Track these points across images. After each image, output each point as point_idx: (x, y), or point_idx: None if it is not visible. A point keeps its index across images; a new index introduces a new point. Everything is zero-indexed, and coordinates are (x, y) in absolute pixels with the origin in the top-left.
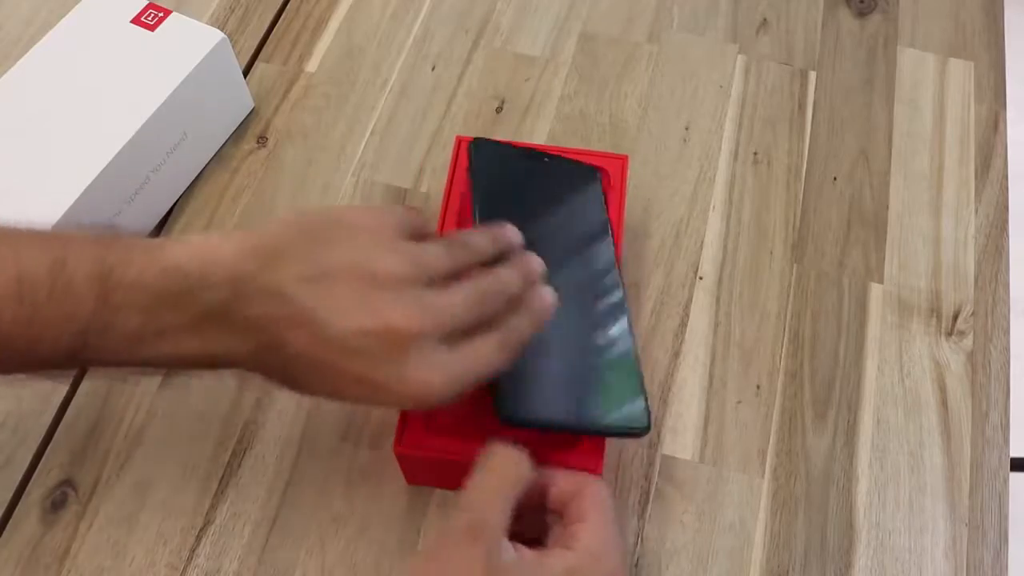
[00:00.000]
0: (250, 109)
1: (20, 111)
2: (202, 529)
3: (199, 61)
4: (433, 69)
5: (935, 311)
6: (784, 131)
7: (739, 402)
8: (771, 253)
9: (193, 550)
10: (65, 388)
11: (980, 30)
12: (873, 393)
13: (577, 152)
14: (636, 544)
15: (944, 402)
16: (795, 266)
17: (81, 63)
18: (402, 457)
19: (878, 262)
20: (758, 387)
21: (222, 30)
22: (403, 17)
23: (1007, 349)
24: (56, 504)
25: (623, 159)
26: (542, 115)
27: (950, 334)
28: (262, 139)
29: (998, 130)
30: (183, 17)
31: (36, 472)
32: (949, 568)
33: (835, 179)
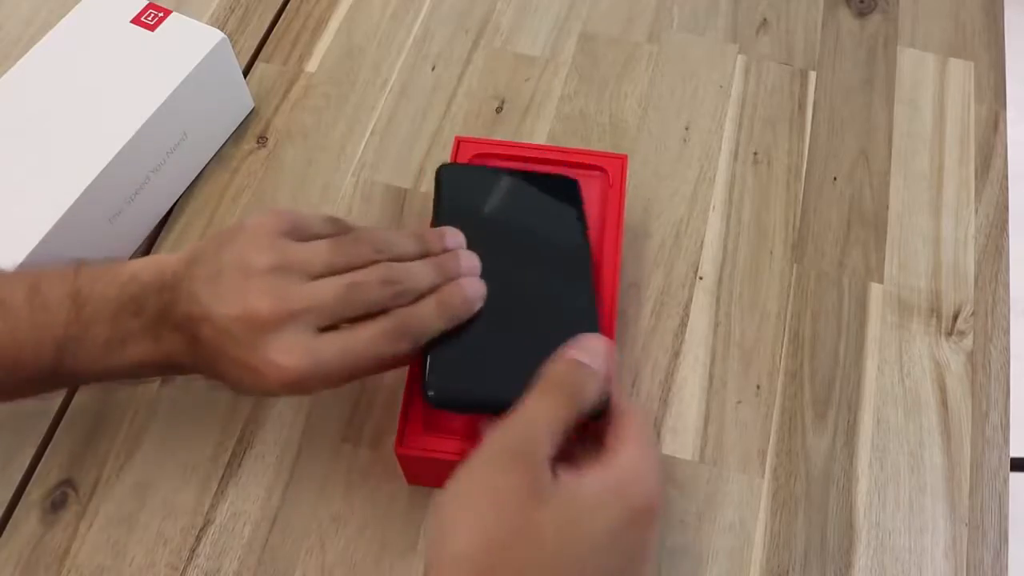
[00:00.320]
0: (250, 109)
1: (20, 111)
2: (202, 529)
3: (199, 61)
4: (433, 69)
5: (935, 311)
6: (784, 131)
7: (739, 402)
8: (771, 253)
9: (193, 550)
10: (65, 388)
11: (980, 30)
12: (873, 393)
13: (577, 152)
14: None
15: (944, 402)
16: (795, 266)
17: (81, 63)
18: (402, 457)
19: (878, 262)
20: (758, 387)
21: (222, 30)
22: (403, 17)
23: (1007, 349)
24: (56, 504)
25: (623, 159)
26: (542, 115)
27: (950, 334)
28: (262, 139)
29: (998, 130)
30: (183, 17)
31: (36, 472)
32: (949, 568)
33: (835, 179)
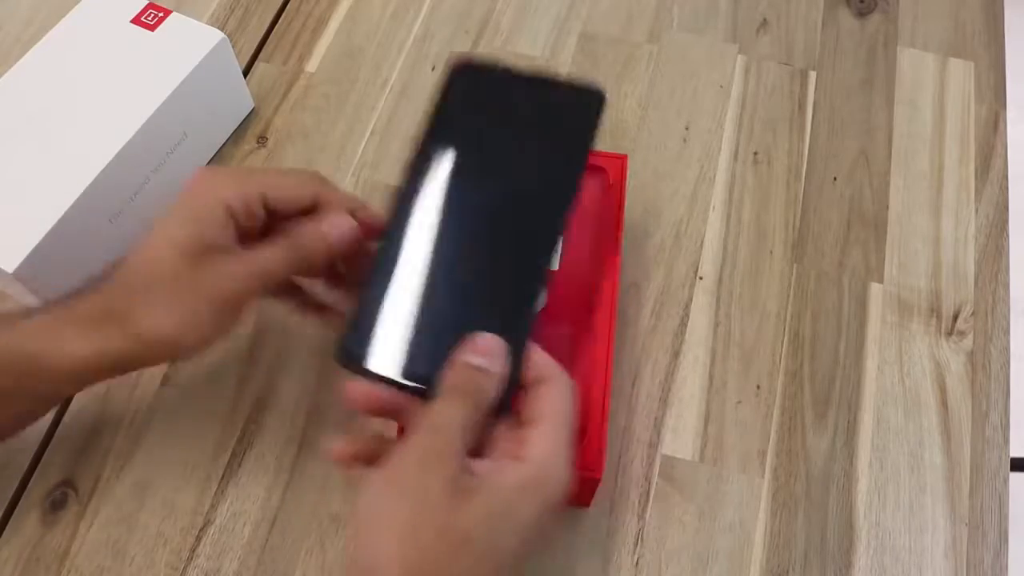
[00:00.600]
0: (250, 109)
1: (20, 111)
2: (202, 529)
3: (199, 61)
4: (433, 69)
5: (935, 311)
6: (784, 131)
7: (739, 402)
8: (771, 253)
9: (193, 550)
10: None
11: (980, 30)
12: (873, 393)
13: None
14: (636, 544)
15: (944, 402)
16: (795, 266)
17: (81, 63)
18: None
19: (878, 262)
20: (758, 387)
21: (222, 30)
22: (403, 17)
23: (1007, 349)
24: (56, 504)
25: (623, 159)
26: None
27: (950, 334)
28: (262, 139)
29: (998, 130)
30: (183, 17)
31: (36, 472)
32: (949, 568)
33: (835, 179)
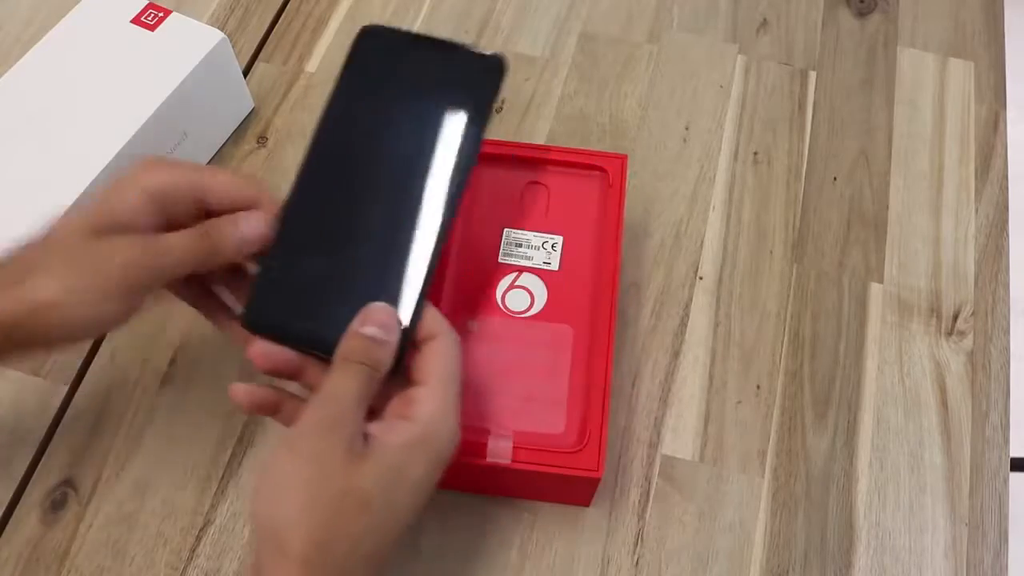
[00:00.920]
0: (250, 109)
1: (20, 111)
2: (202, 529)
3: (199, 61)
4: None
5: (935, 311)
6: (784, 131)
7: (739, 402)
8: (771, 253)
9: (193, 550)
10: (65, 388)
11: (980, 30)
12: (873, 393)
13: (577, 152)
14: (636, 544)
15: (944, 402)
16: (795, 266)
17: (81, 63)
18: None
19: (878, 262)
20: (758, 387)
21: (222, 30)
22: (403, 17)
23: (1007, 349)
24: (56, 504)
25: (623, 159)
26: (542, 115)
27: (950, 334)
28: (262, 139)
29: (998, 130)
30: (183, 17)
31: (36, 472)
32: (949, 568)
33: (835, 179)
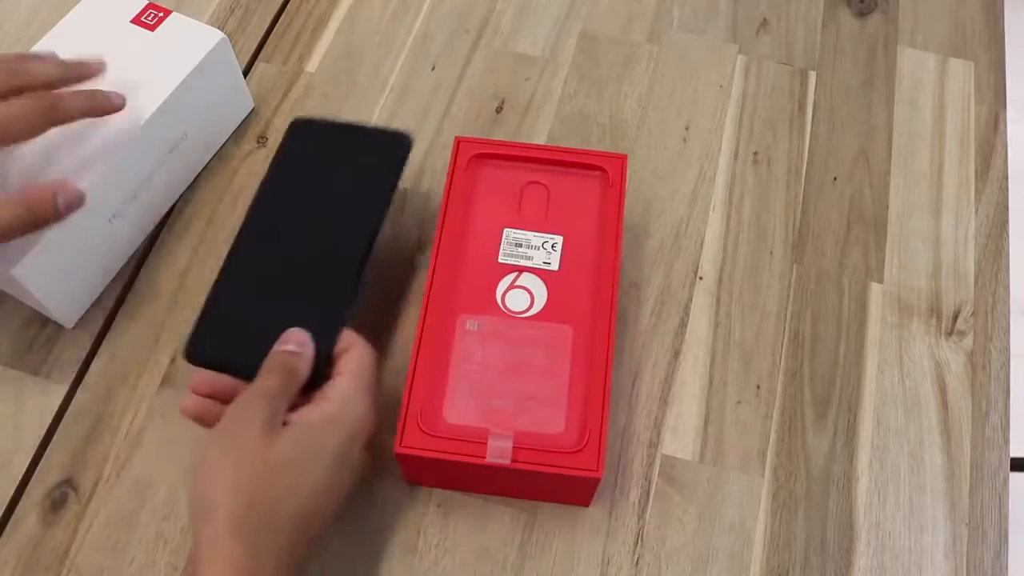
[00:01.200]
0: (250, 109)
1: None
2: None
3: (199, 61)
4: (433, 69)
5: (935, 311)
6: (784, 131)
7: (739, 402)
8: (771, 253)
9: None
10: (65, 388)
11: (980, 30)
12: (873, 393)
13: (577, 152)
14: (636, 544)
15: (944, 402)
16: (795, 266)
17: None
18: (402, 457)
19: (878, 262)
20: (758, 387)
21: (222, 30)
22: (403, 17)
23: (1007, 349)
24: (56, 504)
25: (623, 159)
26: (542, 115)
27: (950, 334)
28: (262, 139)
29: (998, 130)
30: (183, 17)
31: (36, 472)
32: (949, 568)
33: (835, 179)
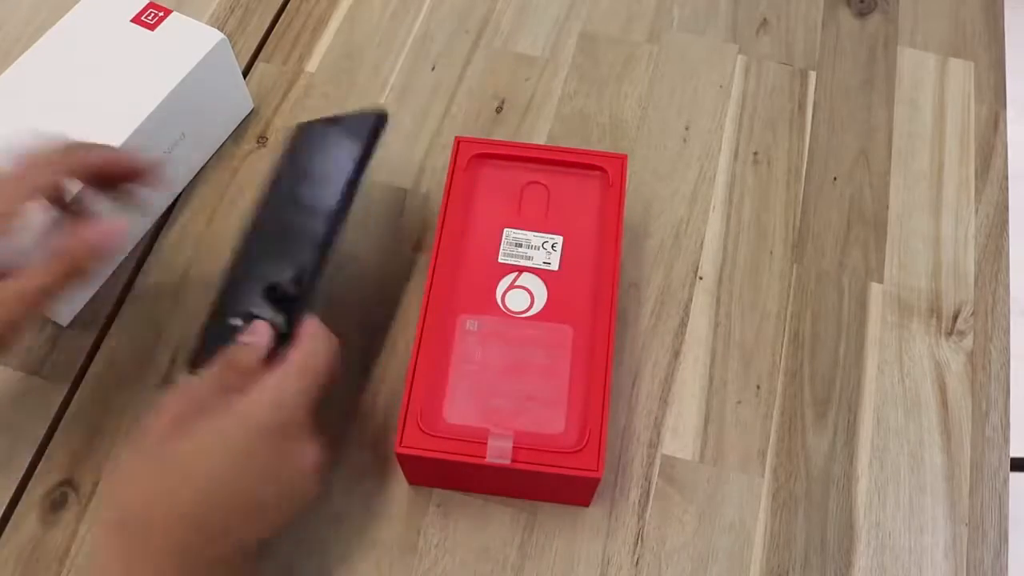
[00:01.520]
0: (250, 109)
1: (20, 109)
2: None
3: (198, 61)
4: (433, 69)
5: (935, 311)
6: (784, 131)
7: (739, 402)
8: (771, 253)
9: None
10: (65, 388)
11: (980, 30)
12: (873, 393)
13: (577, 152)
14: (636, 544)
15: (944, 402)
16: (795, 266)
17: (81, 62)
18: (402, 457)
19: (878, 262)
20: (758, 387)
21: (222, 30)
22: (403, 17)
23: (1007, 349)
24: (56, 504)
25: (623, 159)
26: (542, 115)
27: (950, 334)
28: (262, 139)
29: (998, 130)
30: (183, 17)
31: (36, 472)
32: (949, 568)
33: (835, 179)
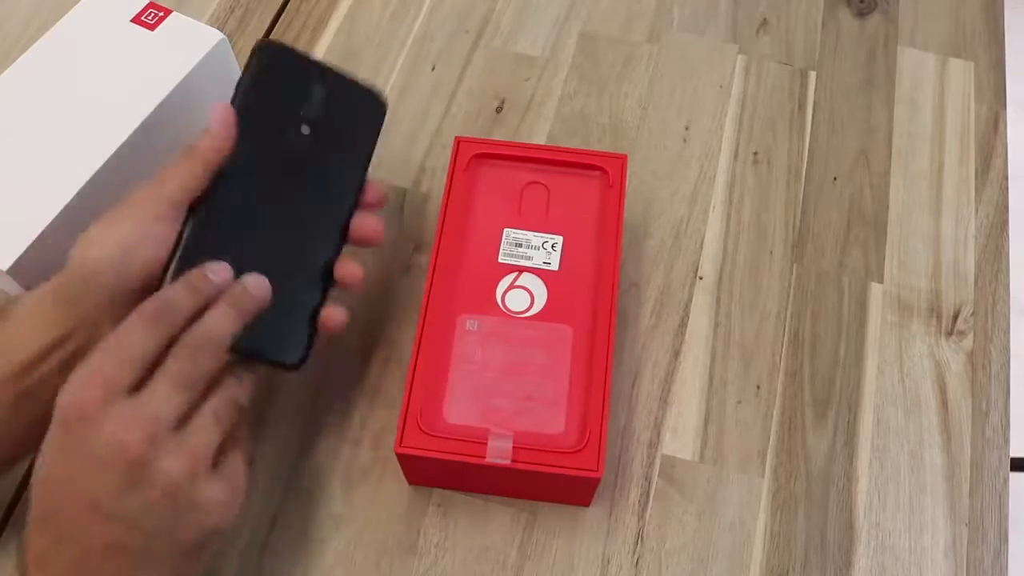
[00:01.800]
0: None
1: (19, 109)
2: None
3: (198, 61)
4: (433, 69)
5: (935, 311)
6: (784, 131)
7: (739, 402)
8: (771, 253)
9: None
10: None
11: (980, 30)
12: (873, 393)
13: (577, 152)
14: (636, 544)
15: (944, 402)
16: (795, 266)
17: (80, 62)
18: (402, 457)
19: (878, 262)
20: (758, 387)
21: (222, 30)
22: (403, 17)
23: (1007, 349)
24: None
25: (623, 159)
26: (542, 115)
27: (950, 334)
28: None
29: (998, 130)
30: (183, 17)
31: None
32: (949, 568)
33: (835, 179)
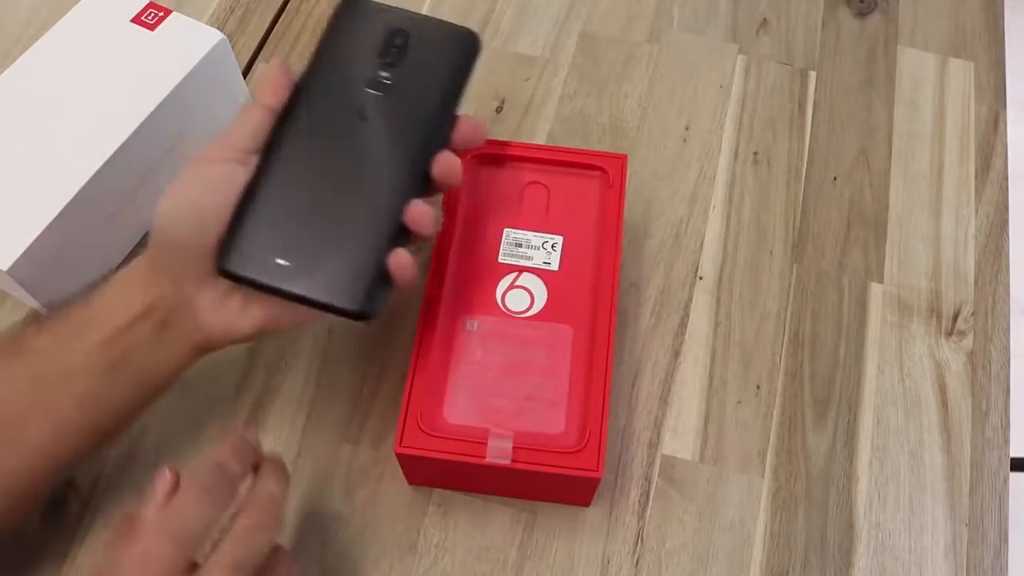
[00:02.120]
0: None
1: (19, 109)
2: None
3: (198, 61)
4: None
5: (935, 311)
6: (784, 131)
7: (739, 402)
8: (771, 253)
9: None
10: None
11: (980, 30)
12: (873, 393)
13: (577, 152)
14: (636, 544)
15: (944, 402)
16: (795, 266)
17: (80, 61)
18: (402, 457)
19: (878, 262)
20: (758, 387)
21: (222, 30)
22: None
23: (1007, 349)
24: (56, 504)
25: (623, 159)
26: (542, 115)
27: (950, 334)
28: None
29: (998, 130)
30: (183, 17)
31: None
32: (949, 568)
33: (835, 179)
